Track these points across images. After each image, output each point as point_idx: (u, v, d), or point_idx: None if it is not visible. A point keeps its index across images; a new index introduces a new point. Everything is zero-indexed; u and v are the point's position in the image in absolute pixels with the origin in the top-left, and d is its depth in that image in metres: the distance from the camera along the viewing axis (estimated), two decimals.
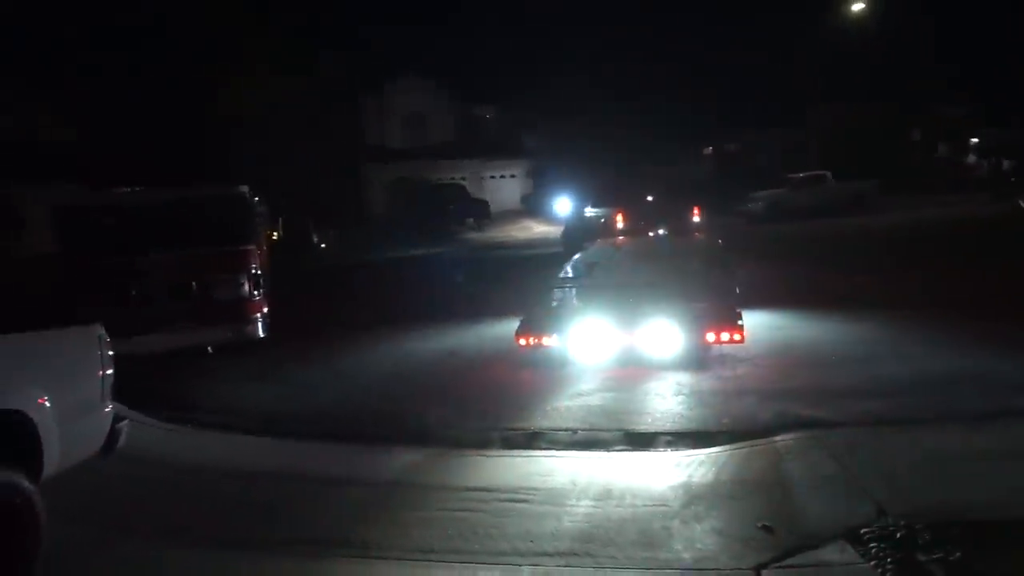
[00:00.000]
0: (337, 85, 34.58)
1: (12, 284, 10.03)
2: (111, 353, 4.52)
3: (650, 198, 23.39)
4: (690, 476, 5.10)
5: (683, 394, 7.11)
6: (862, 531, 4.03)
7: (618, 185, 25.33)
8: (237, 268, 9.91)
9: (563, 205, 33.62)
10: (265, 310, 10.41)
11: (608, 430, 6.22)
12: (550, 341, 8.21)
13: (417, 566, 3.99)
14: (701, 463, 5.35)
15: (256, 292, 10.03)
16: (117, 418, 4.53)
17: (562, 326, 8.25)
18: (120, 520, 4.68)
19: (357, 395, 7.85)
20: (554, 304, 9.05)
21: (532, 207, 37.72)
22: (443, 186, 35.08)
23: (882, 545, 3.87)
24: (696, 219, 21.19)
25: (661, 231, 18.64)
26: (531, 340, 8.26)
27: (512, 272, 17.25)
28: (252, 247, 10.19)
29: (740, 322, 7.91)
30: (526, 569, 3.91)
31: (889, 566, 3.67)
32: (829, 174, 29.07)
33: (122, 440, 4.56)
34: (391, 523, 4.52)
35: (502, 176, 39.94)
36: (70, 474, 4.30)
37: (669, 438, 6.05)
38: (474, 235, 31.81)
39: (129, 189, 10.88)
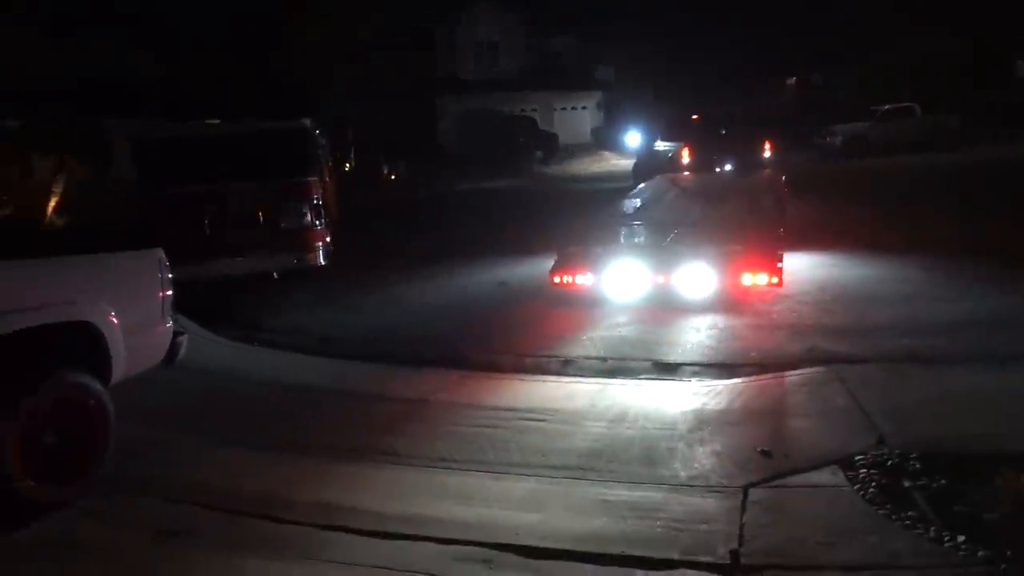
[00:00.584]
0: (411, 14, 34.54)
1: (93, 211, 10.81)
2: (171, 276, 5.01)
3: (723, 131, 22.67)
4: (704, 404, 5.34)
5: (717, 328, 7.27)
6: (856, 458, 4.22)
7: (690, 117, 24.51)
8: (300, 198, 10.38)
9: (633, 138, 33.10)
10: (328, 239, 10.91)
11: (636, 359, 6.48)
12: (584, 280, 8.22)
13: (436, 472, 4.40)
14: (719, 393, 5.57)
15: (318, 222, 10.51)
16: (177, 333, 5.05)
17: (597, 265, 8.21)
18: (184, 423, 5.27)
19: (405, 321, 8.31)
20: (592, 242, 8.88)
21: (603, 140, 37.25)
22: (513, 118, 34.94)
23: (872, 471, 4.06)
24: (767, 154, 20.62)
25: (728, 167, 18.25)
26: (565, 278, 8.29)
27: (577, 206, 17.31)
28: (314, 179, 10.62)
29: (779, 265, 7.84)
30: (532, 480, 4.27)
31: (872, 489, 3.86)
32: (917, 107, 27.60)
33: (182, 353, 5.09)
34: (419, 435, 4.95)
35: (573, 108, 39.39)
36: (144, 381, 4.91)
37: (695, 368, 6.29)
38: (544, 168, 31.76)
39: (200, 122, 11.44)
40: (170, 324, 4.98)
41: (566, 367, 6.42)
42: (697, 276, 7.83)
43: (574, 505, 3.94)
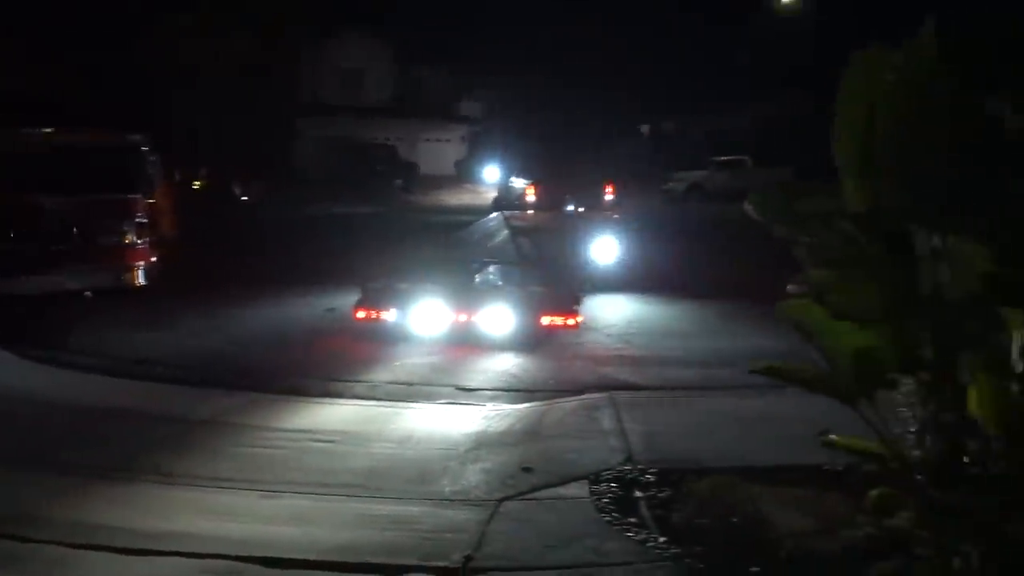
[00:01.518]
0: (276, 36, 34.03)
1: None
2: None
3: (568, 172, 23.65)
4: (488, 427, 5.71)
5: (522, 358, 7.70)
6: (603, 473, 4.68)
7: (543, 157, 25.51)
8: (121, 215, 10.12)
9: (492, 173, 34.01)
10: (152, 259, 10.65)
11: (439, 384, 6.81)
12: (388, 316, 8.24)
13: (207, 491, 4.47)
14: (505, 416, 5.97)
15: (140, 241, 10.26)
16: None
17: (401, 301, 8.23)
18: None
19: (223, 344, 8.25)
20: (395, 278, 8.72)
21: (466, 173, 37.99)
22: (374, 146, 35.08)
23: (612, 484, 4.52)
24: (609, 197, 21.67)
25: (569, 207, 18.49)
26: (370, 314, 8.29)
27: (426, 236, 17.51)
28: (138, 196, 10.38)
29: (576, 307, 8.25)
30: (304, 498, 4.43)
31: (606, 500, 4.32)
32: (748, 159, 30.10)
33: None
34: (199, 455, 5.00)
35: (438, 140, 40.02)
36: None
37: (493, 393, 6.70)
38: (403, 197, 31.98)
39: (18, 131, 10.88)
40: None
41: (370, 391, 6.65)
42: (498, 316, 8.03)
43: (338, 521, 4.13)
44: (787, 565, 3.53)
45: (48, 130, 10.97)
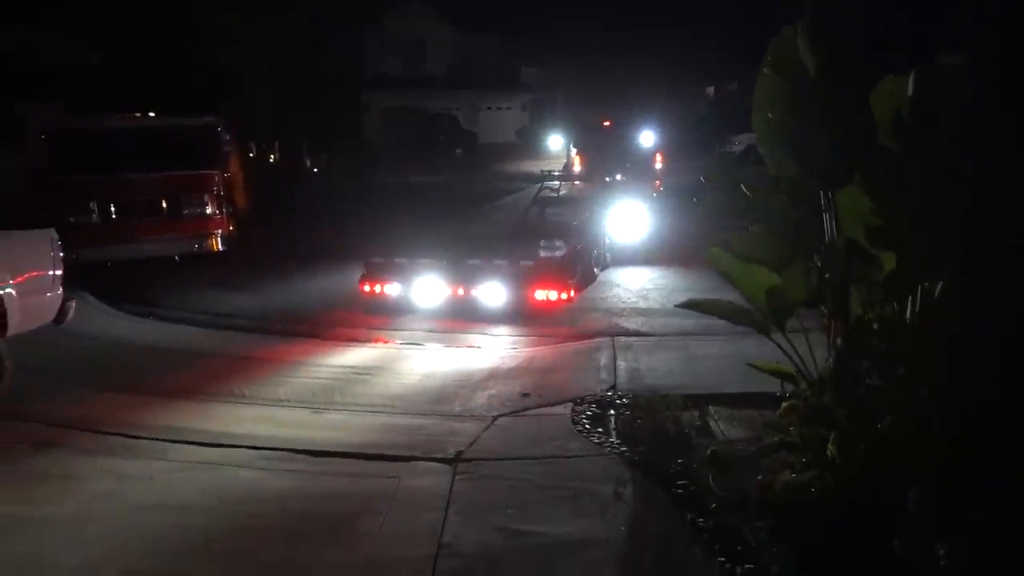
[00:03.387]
0: (339, 10, 35.35)
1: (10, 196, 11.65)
2: (62, 252, 6.14)
3: (616, 141, 22.19)
4: (501, 364, 6.75)
5: (543, 307, 8.65)
6: (586, 397, 5.66)
7: (592, 125, 25.46)
8: (201, 189, 11.50)
9: (556, 141, 34.64)
10: (229, 227, 12.02)
11: (463, 331, 7.85)
12: (391, 289, 8.63)
13: (269, 408, 5.67)
14: (517, 356, 7.01)
15: (218, 211, 11.63)
16: (67, 299, 6.18)
17: (402, 275, 8.60)
18: (71, 374, 6.39)
19: (279, 301, 9.39)
20: (395, 253, 8.94)
21: (528, 141, 38.70)
22: (435, 116, 36.09)
23: (591, 406, 5.50)
24: (658, 166, 20.93)
25: (618, 176, 17.52)
26: (374, 288, 8.71)
27: (482, 203, 18.27)
28: (215, 171, 11.74)
29: (572, 281, 8.47)
30: (343, 413, 5.57)
31: (583, 417, 5.30)
32: None
33: (70, 316, 6.23)
34: (265, 384, 6.21)
35: (499, 108, 40.77)
36: (42, 342, 6.08)
37: (513, 338, 7.70)
38: (463, 166, 33.02)
39: (112, 115, 12.34)
40: (60, 291, 6.11)
41: (405, 337, 7.76)
42: (490, 290, 8.31)
43: (367, 428, 5.25)
44: (707, 461, 4.44)
45: (138, 114, 12.41)
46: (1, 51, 21.80)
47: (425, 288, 8.51)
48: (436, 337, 7.76)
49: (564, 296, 8.33)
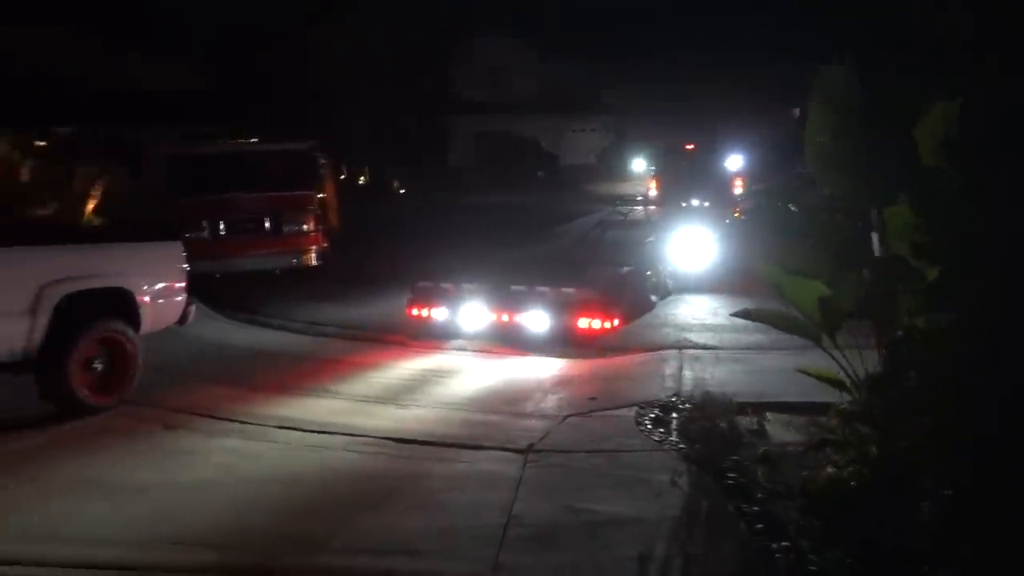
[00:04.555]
0: (427, 39, 36.88)
1: (126, 212, 12.94)
2: (187, 263, 6.97)
3: (692, 165, 21.31)
4: (572, 372, 7.23)
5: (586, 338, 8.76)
6: (651, 402, 6.05)
7: (669, 148, 25.04)
8: (300, 208, 12.46)
9: (639, 164, 34.91)
10: (324, 244, 12.95)
11: (545, 346, 8.32)
12: (438, 314, 8.62)
13: (360, 403, 6.29)
14: (588, 365, 7.45)
15: (315, 229, 12.57)
16: (189, 303, 7.01)
17: (448, 300, 8.59)
18: (189, 369, 7.22)
19: (367, 311, 10.12)
20: (440, 279, 8.91)
21: (607, 164, 39.15)
22: (518, 139, 37.03)
23: (655, 409, 5.89)
24: (738, 190, 19.87)
25: (694, 202, 17.51)
26: (421, 311, 8.74)
27: (557, 223, 18.65)
28: (313, 192, 12.70)
29: (618, 309, 8.20)
30: (424, 409, 6.14)
31: (646, 418, 5.69)
32: None
33: (191, 318, 7.06)
34: (356, 382, 6.89)
35: (582, 131, 41.40)
36: (163, 343, 6.91)
37: (588, 351, 8.12)
38: (545, 188, 33.71)
39: (220, 141, 13.52)
40: (184, 296, 6.93)
41: (483, 346, 8.28)
42: (534, 318, 8.18)
43: (446, 422, 5.80)
44: (758, 459, 4.77)
45: (244, 140, 13.56)
46: (112, 80, 23.96)
47: (470, 314, 8.45)
48: (512, 348, 8.25)
49: (607, 325, 8.06)
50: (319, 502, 4.34)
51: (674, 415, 5.75)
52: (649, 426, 5.54)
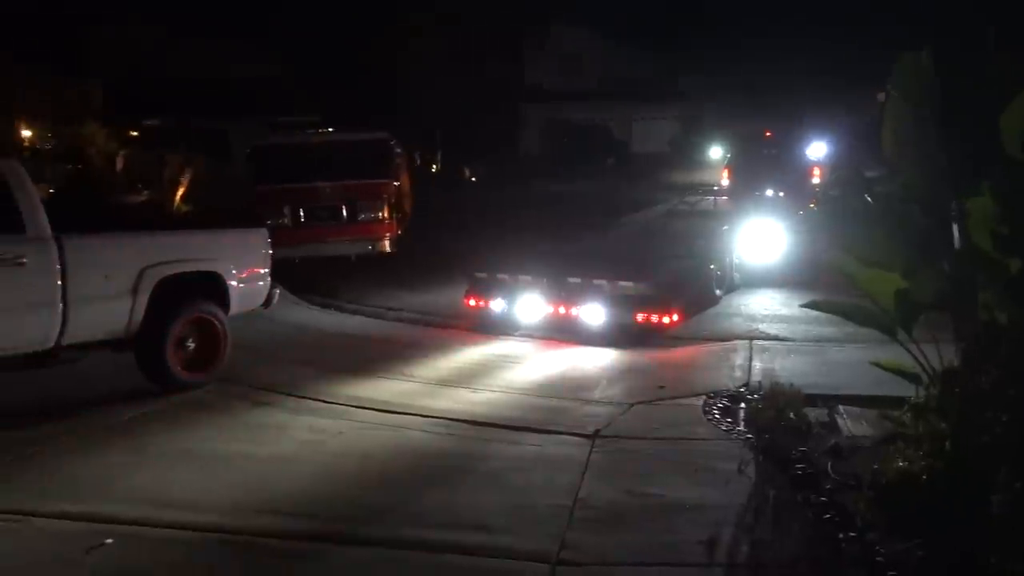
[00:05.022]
0: (502, 27, 37.05)
1: (212, 200, 13.56)
2: (271, 248, 7.32)
3: (767, 153, 19.98)
4: (641, 360, 7.28)
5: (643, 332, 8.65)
6: (720, 391, 6.07)
7: (743, 136, 24.02)
8: (376, 196, 12.81)
9: (715, 152, 34.26)
10: (398, 231, 13.29)
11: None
12: (495, 305, 8.61)
13: (433, 386, 6.52)
14: (657, 354, 7.49)
15: (389, 216, 12.91)
16: (273, 286, 7.36)
17: (504, 292, 8.56)
18: (272, 350, 7.61)
19: (440, 298, 10.26)
20: (497, 270, 8.86)
21: (679, 151, 38.55)
22: (589, 127, 36.85)
23: (723, 399, 5.91)
24: (815, 181, 18.55)
25: (768, 192, 16.61)
26: (478, 302, 8.78)
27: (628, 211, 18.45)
28: (388, 181, 13.04)
29: (677, 303, 8.01)
30: (496, 393, 6.32)
31: (714, 408, 5.72)
32: None
33: (275, 301, 7.40)
34: (429, 366, 7.11)
35: (653, 119, 40.86)
36: (248, 325, 7.28)
37: (655, 340, 8.16)
38: (614, 175, 33.48)
39: (301, 132, 14.00)
40: (269, 280, 7.29)
41: (551, 334, 8.39)
42: (591, 311, 8.08)
43: (517, 406, 5.96)
44: (827, 450, 4.76)
45: (323, 130, 14.01)
46: (198, 73, 25.05)
47: (526, 305, 8.41)
48: (582, 337, 8.34)
49: (666, 320, 7.90)
50: (396, 477, 4.56)
51: (742, 405, 5.77)
52: (717, 415, 5.57)
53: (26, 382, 5.82)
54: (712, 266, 9.56)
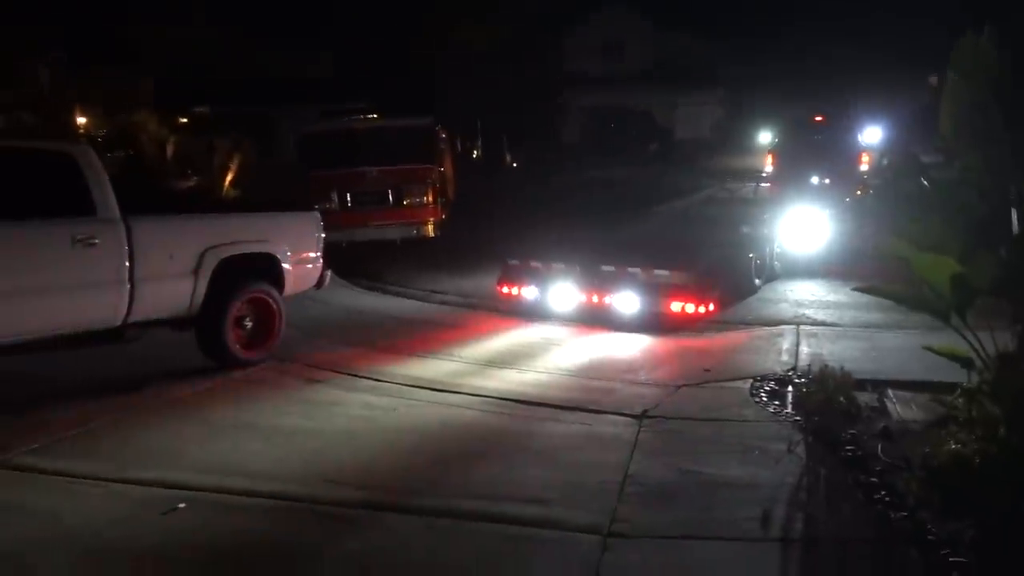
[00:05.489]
0: (545, 11, 36.90)
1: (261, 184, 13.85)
2: (323, 234, 7.50)
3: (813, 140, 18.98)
4: (688, 344, 7.31)
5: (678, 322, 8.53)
6: (768, 375, 6.09)
7: (789, 121, 23.41)
8: (420, 182, 12.99)
9: (764, 137, 33.76)
10: (441, 215, 13.46)
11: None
12: (528, 292, 8.57)
13: (481, 367, 6.64)
14: (703, 338, 7.51)
15: (433, 201, 13.08)
16: (325, 268, 7.56)
17: (537, 279, 8.50)
18: (324, 331, 7.82)
19: (483, 283, 10.40)
20: (530, 257, 8.81)
21: (723, 137, 38.08)
22: (631, 113, 36.57)
23: (771, 382, 5.93)
24: (863, 167, 17.76)
25: (814, 179, 16.09)
26: (512, 290, 8.73)
27: (670, 198, 18.34)
28: (432, 166, 13.20)
29: (713, 292, 7.84)
30: (542, 374, 6.42)
31: (761, 391, 5.75)
32: None
33: (327, 283, 7.60)
34: (476, 348, 7.24)
35: (696, 104, 40.37)
36: (301, 307, 7.49)
37: (702, 324, 8.16)
38: (657, 162, 33.24)
39: (346, 118, 14.21)
40: (320, 262, 7.48)
41: (595, 321, 8.44)
42: (625, 300, 7.96)
43: (564, 387, 6.06)
44: (878, 433, 4.76)
45: (369, 116, 14.21)
46: (253, 65, 25.49)
47: (560, 293, 8.34)
48: (630, 324, 8.37)
49: (702, 310, 7.70)
50: (448, 453, 4.70)
51: (790, 389, 5.78)
52: (764, 398, 5.60)
53: (94, 358, 6.09)
54: (751, 255, 9.41)
